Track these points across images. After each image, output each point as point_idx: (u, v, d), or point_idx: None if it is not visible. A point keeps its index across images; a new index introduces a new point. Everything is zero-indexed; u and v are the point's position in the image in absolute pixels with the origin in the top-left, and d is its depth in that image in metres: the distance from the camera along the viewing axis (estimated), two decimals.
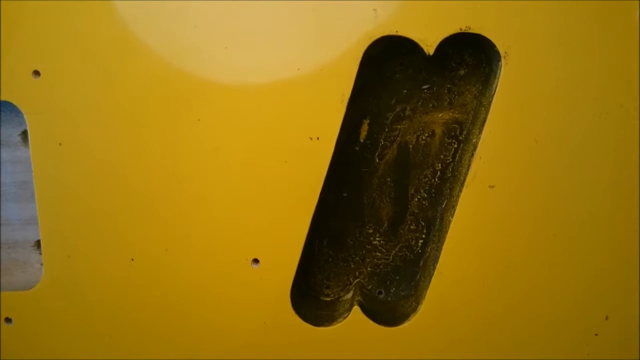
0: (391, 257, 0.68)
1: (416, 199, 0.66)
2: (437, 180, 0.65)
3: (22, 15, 0.57)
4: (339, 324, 0.63)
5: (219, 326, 0.63)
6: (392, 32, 0.56)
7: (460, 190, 0.59)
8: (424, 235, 0.67)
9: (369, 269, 0.69)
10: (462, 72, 0.63)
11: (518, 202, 0.59)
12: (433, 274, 0.62)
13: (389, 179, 0.66)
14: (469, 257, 0.61)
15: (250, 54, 0.57)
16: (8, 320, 0.64)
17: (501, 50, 0.56)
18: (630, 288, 0.61)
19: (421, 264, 0.68)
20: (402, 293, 0.69)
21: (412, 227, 0.67)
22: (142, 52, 0.57)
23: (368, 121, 0.65)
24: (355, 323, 0.63)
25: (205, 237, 0.61)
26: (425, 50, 0.56)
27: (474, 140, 0.60)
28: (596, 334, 0.62)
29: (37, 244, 0.67)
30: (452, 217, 0.60)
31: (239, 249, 0.61)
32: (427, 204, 0.66)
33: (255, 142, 0.59)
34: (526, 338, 0.63)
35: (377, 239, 0.68)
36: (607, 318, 0.62)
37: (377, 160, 0.66)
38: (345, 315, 0.63)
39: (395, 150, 0.65)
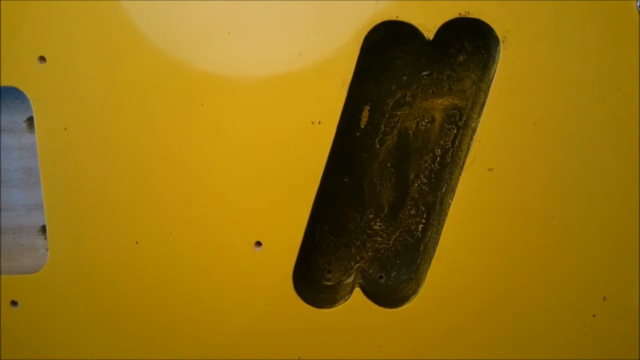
0: (392, 241, 0.69)
1: (416, 184, 0.67)
2: (436, 165, 0.66)
3: (27, 1, 0.58)
4: (340, 306, 0.64)
5: (222, 308, 0.64)
6: (392, 18, 0.56)
7: (460, 174, 0.60)
8: (424, 220, 0.68)
9: (369, 253, 0.70)
10: (461, 58, 0.63)
11: (517, 185, 0.59)
12: (433, 257, 0.62)
13: (389, 165, 0.67)
14: (469, 240, 0.61)
15: (252, 39, 0.57)
16: (14, 303, 0.65)
17: (500, 35, 0.57)
18: (628, 269, 0.61)
19: (421, 249, 0.68)
20: (403, 277, 0.70)
21: (412, 212, 0.68)
22: (146, 38, 0.58)
23: (369, 107, 0.65)
24: (357, 305, 0.63)
25: (209, 220, 0.62)
26: (425, 36, 0.57)
27: (473, 125, 0.61)
28: (594, 315, 0.63)
29: (42, 229, 0.68)
30: (451, 201, 0.61)
31: (241, 232, 0.62)
32: (427, 189, 0.67)
33: (257, 126, 0.59)
34: (524, 319, 0.63)
35: (378, 223, 0.69)
36: (604, 299, 0.62)
37: (377, 145, 0.66)
38: (347, 297, 0.64)
39: (396, 136, 0.66)
